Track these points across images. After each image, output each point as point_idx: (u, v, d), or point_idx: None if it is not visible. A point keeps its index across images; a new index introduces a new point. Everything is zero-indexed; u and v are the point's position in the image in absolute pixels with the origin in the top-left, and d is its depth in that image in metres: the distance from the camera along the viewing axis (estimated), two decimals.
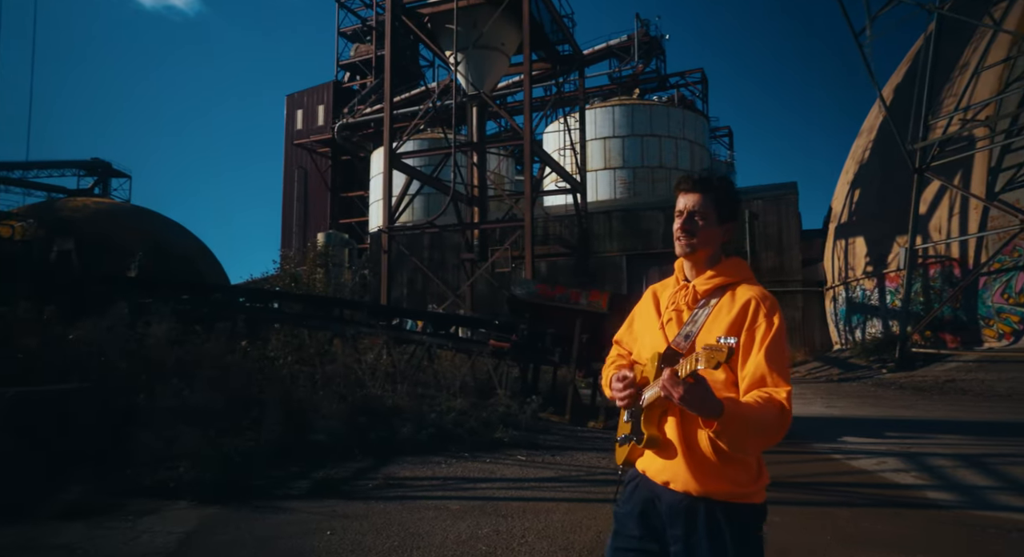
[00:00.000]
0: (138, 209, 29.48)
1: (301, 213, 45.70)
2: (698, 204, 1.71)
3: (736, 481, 1.55)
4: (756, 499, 1.60)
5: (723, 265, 1.72)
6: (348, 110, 42.19)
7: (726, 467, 1.54)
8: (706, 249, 1.71)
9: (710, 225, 1.70)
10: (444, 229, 20.28)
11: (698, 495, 1.56)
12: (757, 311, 1.57)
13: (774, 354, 1.52)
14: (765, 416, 1.43)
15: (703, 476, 1.55)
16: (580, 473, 6.40)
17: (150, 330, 7.94)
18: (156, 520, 4.60)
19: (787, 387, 1.49)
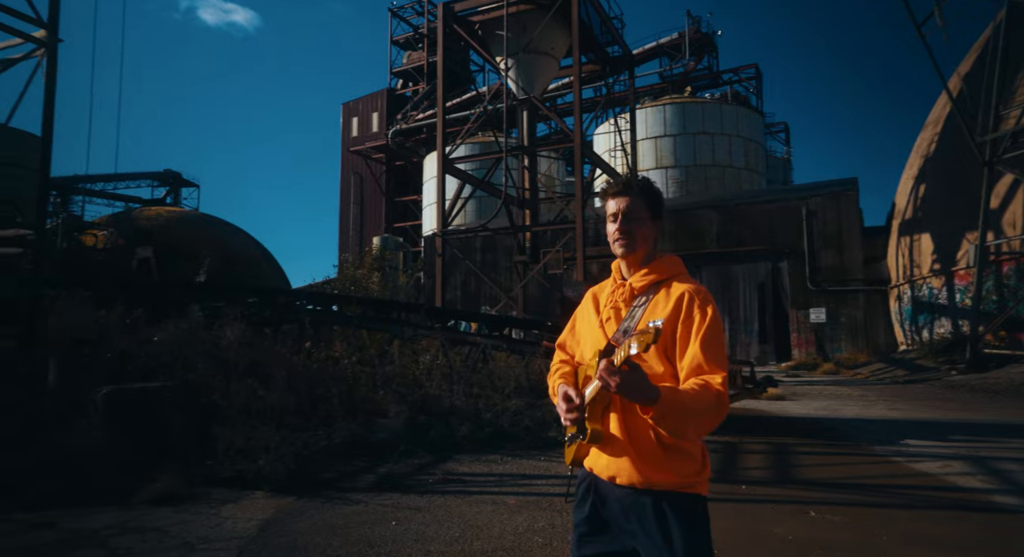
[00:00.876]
0: (206, 217, 30.98)
1: (357, 218, 46.99)
2: (629, 206, 1.76)
3: (680, 472, 1.59)
4: (701, 490, 1.64)
5: (657, 262, 1.77)
6: (401, 116, 43.16)
7: (670, 459, 1.59)
8: (642, 248, 1.77)
9: (644, 224, 1.76)
10: (496, 232, 20.58)
11: (643, 488, 1.60)
12: (691, 304, 1.62)
13: (708, 343, 1.57)
14: (701, 402, 1.49)
15: (646, 468, 1.59)
16: None
17: (223, 333, 8.46)
18: (236, 508, 4.98)
19: (722, 374, 1.54)
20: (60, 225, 21.16)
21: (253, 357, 7.82)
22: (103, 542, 4.21)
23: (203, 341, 8.05)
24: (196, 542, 4.20)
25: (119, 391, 6.26)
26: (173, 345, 7.65)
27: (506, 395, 8.41)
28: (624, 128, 24.88)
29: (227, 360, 7.67)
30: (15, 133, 17.94)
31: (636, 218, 1.76)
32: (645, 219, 1.76)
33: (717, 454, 7.43)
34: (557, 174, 35.76)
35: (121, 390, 6.30)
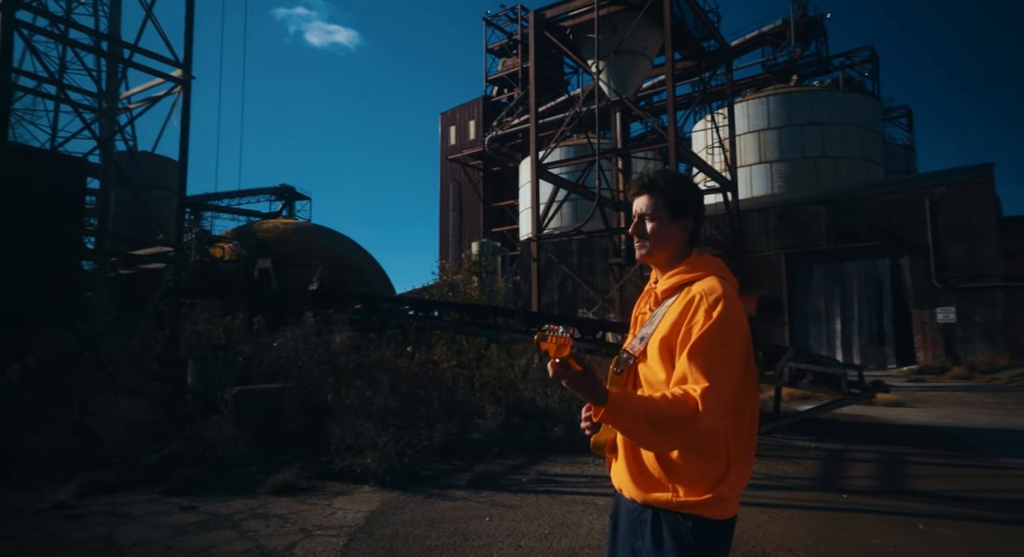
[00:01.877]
0: (317, 227, 33.09)
1: (456, 224, 48.41)
2: (647, 206, 1.67)
3: (682, 491, 1.49)
4: (710, 512, 1.49)
5: (686, 263, 1.65)
6: (497, 123, 44.03)
7: (671, 475, 1.49)
8: (663, 249, 1.67)
9: (662, 224, 1.66)
10: (590, 235, 20.62)
11: (644, 503, 1.54)
12: (697, 307, 1.50)
13: (699, 351, 1.45)
14: (665, 412, 1.38)
15: (644, 483, 1.54)
16: None
17: (333, 338, 9.14)
18: (347, 500, 5.44)
19: (704, 383, 1.41)
20: (194, 239, 23.39)
21: (361, 361, 8.40)
22: (236, 525, 4.77)
23: (316, 346, 8.73)
24: (312, 529, 4.65)
25: (245, 391, 6.96)
26: (290, 349, 8.37)
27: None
28: (722, 124, 24.12)
29: (337, 364, 8.29)
30: (158, 159, 20.10)
31: (653, 219, 1.66)
32: (663, 218, 1.65)
33: (819, 461, 7.16)
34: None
35: (247, 390, 7.00)
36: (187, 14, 9.55)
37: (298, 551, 4.19)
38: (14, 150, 10.51)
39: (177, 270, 8.76)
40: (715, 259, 1.70)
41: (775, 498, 5.56)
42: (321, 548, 4.23)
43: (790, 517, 5.00)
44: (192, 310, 10.27)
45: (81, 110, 10.87)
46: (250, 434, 6.42)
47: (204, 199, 34.18)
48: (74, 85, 12.42)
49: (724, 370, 1.45)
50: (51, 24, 11.12)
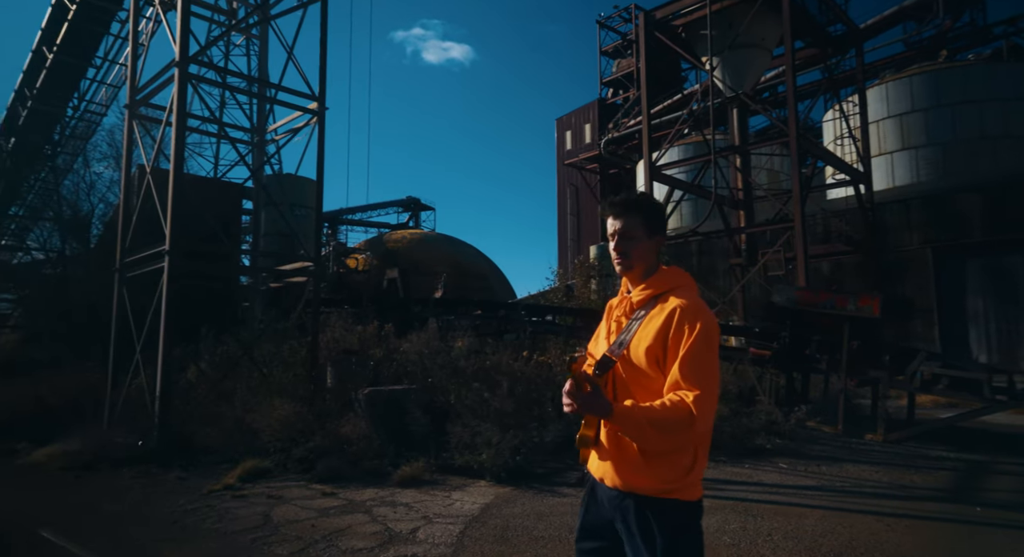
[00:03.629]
0: (442, 236, 34.75)
1: (574, 228, 48.67)
2: (625, 225, 1.84)
3: (661, 478, 1.67)
4: (684, 495, 1.69)
5: (657, 276, 1.84)
6: (613, 125, 43.79)
7: (651, 465, 1.67)
8: (640, 264, 1.84)
9: (640, 242, 1.83)
10: (708, 235, 20.10)
11: (626, 491, 1.72)
12: (681, 320, 1.66)
13: (688, 360, 1.62)
14: (666, 417, 1.56)
15: (628, 472, 1.71)
16: (845, 484, 6.21)
17: (455, 343, 9.78)
18: (464, 493, 5.93)
19: (696, 391, 1.58)
20: (331, 252, 25.50)
21: (479, 364, 8.93)
22: (368, 510, 5.39)
23: (438, 350, 9.40)
24: (432, 517, 5.17)
25: (376, 392, 7.70)
26: (415, 354, 9.09)
27: None
28: (852, 112, 22.54)
29: (457, 367, 8.89)
30: (301, 180, 22.19)
31: (632, 237, 1.83)
32: (641, 237, 1.83)
33: (954, 472, 6.70)
34: (782, 167, 33.40)
35: (377, 391, 7.74)
36: (321, 53, 10.65)
37: (420, 535, 4.69)
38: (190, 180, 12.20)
39: (316, 282, 9.80)
40: (682, 271, 1.90)
41: (896, 507, 5.35)
42: (440, 533, 4.71)
43: (910, 527, 4.82)
44: (330, 318, 11.38)
45: (237, 143, 12.43)
46: (381, 431, 7.12)
47: (339, 214, 36.99)
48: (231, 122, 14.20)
49: (710, 377, 1.65)
50: (217, 74, 12.82)
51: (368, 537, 4.65)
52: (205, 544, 4.66)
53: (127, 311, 9.30)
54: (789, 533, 4.62)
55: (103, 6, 16.13)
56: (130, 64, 10.73)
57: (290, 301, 11.20)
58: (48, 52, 17.29)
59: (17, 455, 9.17)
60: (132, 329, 9.02)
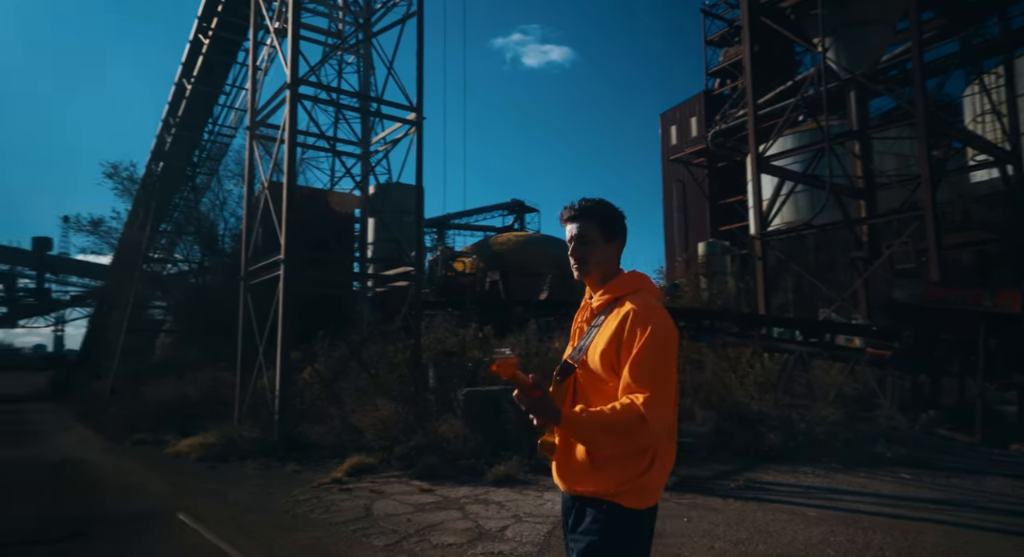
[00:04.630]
0: (546, 237, 34.91)
1: (681, 225, 47.20)
2: (580, 231, 1.82)
3: (609, 481, 1.63)
4: (629, 501, 1.64)
5: (615, 281, 1.80)
6: (720, 116, 42.05)
7: (600, 469, 1.65)
8: (598, 269, 1.81)
9: (596, 247, 1.81)
10: (824, 228, 18.79)
11: (574, 494, 1.73)
12: (633, 324, 1.64)
13: (638, 362, 1.59)
14: (616, 420, 1.55)
15: (574, 477, 1.71)
16: (980, 499, 5.60)
17: (553, 345, 9.82)
18: (555, 494, 5.93)
19: (645, 394, 1.55)
20: (439, 256, 26.36)
21: None
22: (461, 507, 5.55)
23: (537, 351, 9.48)
24: (523, 515, 5.23)
25: (473, 393, 7.90)
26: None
27: (825, 404, 7.92)
28: (995, 86, 20.23)
29: (553, 367, 8.92)
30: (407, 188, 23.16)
31: (587, 242, 1.81)
32: (597, 242, 1.81)
33: None
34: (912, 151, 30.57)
35: (475, 392, 7.94)
36: (418, 66, 11.10)
37: (508, 533, 4.77)
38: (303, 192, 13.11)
39: (418, 286, 10.21)
40: (642, 275, 1.85)
41: None
42: (528, 532, 4.76)
43: None
44: (433, 321, 11.80)
45: (346, 156, 13.21)
46: (477, 430, 7.30)
47: (447, 219, 38.16)
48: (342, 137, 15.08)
49: (662, 379, 1.60)
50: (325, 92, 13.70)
51: (459, 533, 4.79)
52: (312, 533, 5.00)
53: (251, 317, 10.14)
54: (903, 549, 4.25)
55: (230, 38, 17.68)
56: (250, 90, 11.72)
57: (395, 305, 11.72)
58: (187, 83, 19.21)
59: (166, 445, 10.28)
60: (255, 333, 9.82)
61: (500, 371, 1.61)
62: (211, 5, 16.74)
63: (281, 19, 11.52)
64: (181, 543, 4.83)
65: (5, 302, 39.01)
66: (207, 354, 14.28)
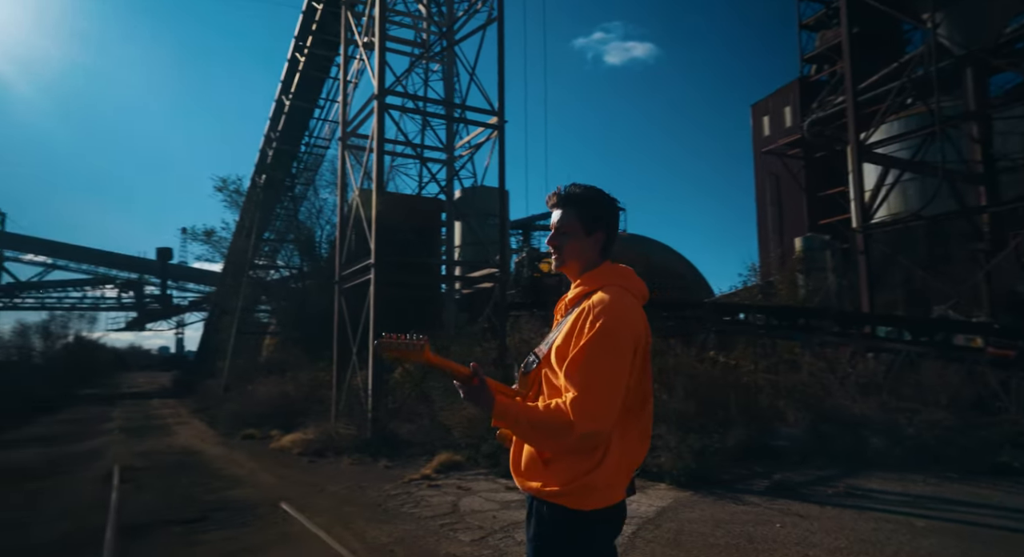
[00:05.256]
0: (632, 236, 34.39)
1: (775, 220, 45.05)
2: (562, 219, 1.73)
3: (551, 480, 1.56)
4: (572, 502, 1.55)
5: (591, 274, 1.70)
6: (817, 104, 39.82)
7: (547, 466, 1.58)
8: (576, 261, 1.72)
9: (577, 238, 1.71)
10: (936, 219, 17.36)
11: (525, 490, 1.67)
12: (585, 320, 1.56)
13: (577, 362, 1.51)
14: (544, 419, 1.50)
15: (525, 473, 1.64)
16: None
17: None
18: (642, 494, 5.86)
19: (574, 394, 1.48)
20: (526, 258, 26.54)
21: (660, 366, 8.74)
22: None
23: None
24: None
25: None
26: None
27: (937, 408, 7.34)
28: None
29: None
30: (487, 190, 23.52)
31: (566, 232, 1.73)
32: (577, 232, 1.72)
33: None
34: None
35: None
36: (499, 70, 11.29)
37: None
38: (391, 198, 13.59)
39: (502, 288, 10.34)
40: (623, 268, 1.74)
41: None
42: None
43: None
44: (519, 321, 11.90)
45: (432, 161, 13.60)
46: None
47: (532, 220, 38.35)
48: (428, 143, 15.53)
49: (599, 379, 1.50)
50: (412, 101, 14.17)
51: None
52: (402, 526, 5.19)
53: (345, 319, 10.64)
54: None
55: (324, 54, 18.64)
56: (341, 103, 12.30)
57: (481, 306, 11.93)
58: (285, 99, 20.43)
59: (270, 439, 10.97)
60: (349, 335, 10.29)
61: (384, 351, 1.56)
62: (306, 24, 17.72)
63: (369, 33, 12.02)
64: (284, 530, 5.15)
65: (135, 307, 42.86)
66: (307, 355, 15.10)
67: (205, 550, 4.64)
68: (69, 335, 41.78)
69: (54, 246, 41.14)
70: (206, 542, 4.85)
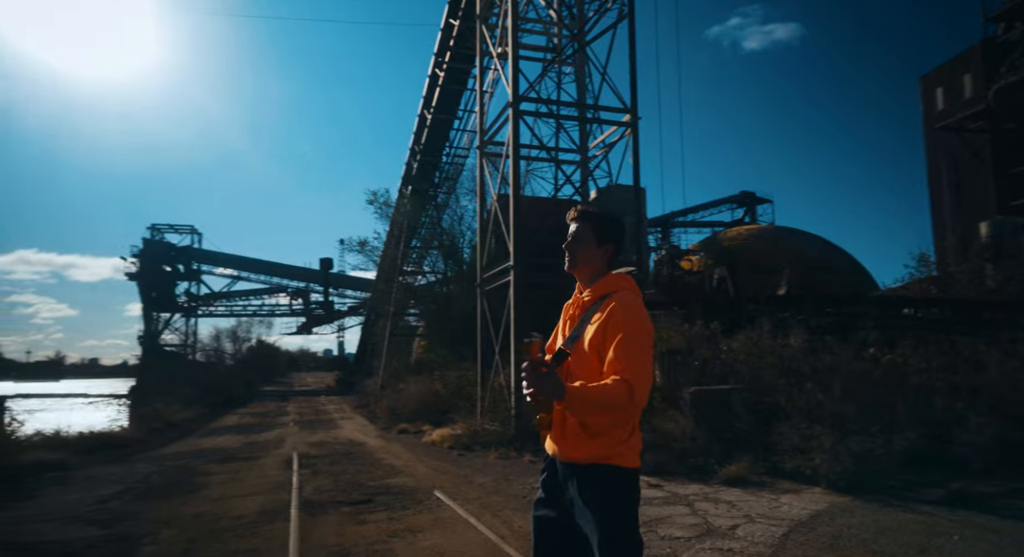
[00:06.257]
0: (781, 229, 32.31)
1: (953, 203, 39.99)
2: (576, 230, 2.06)
3: (600, 448, 1.88)
4: (623, 461, 1.89)
5: (604, 280, 2.02)
6: (1006, 68, 34.90)
7: (593, 439, 1.90)
8: (586, 267, 2.04)
9: (589, 247, 2.03)
10: None
11: (571, 462, 1.94)
12: (615, 314, 1.89)
13: (623, 347, 1.81)
14: (607, 396, 1.74)
15: (571, 446, 1.93)
16: None
17: (788, 342, 9.14)
18: (794, 497, 5.58)
19: (632, 372, 1.75)
20: (665, 256, 25.92)
21: (814, 365, 8.22)
22: (689, 504, 5.50)
23: (768, 350, 8.91)
24: (755, 516, 5.01)
25: (701, 391, 7.72)
26: (742, 353, 8.79)
27: None
28: None
29: (790, 368, 8.31)
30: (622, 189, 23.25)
31: (579, 240, 2.05)
32: (590, 242, 2.04)
33: None
34: None
35: (702, 390, 7.75)
36: (631, 68, 11.20)
37: (739, 532, 4.62)
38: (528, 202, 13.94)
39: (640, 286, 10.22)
40: (626, 276, 2.06)
41: None
42: (760, 533, 4.56)
43: None
44: (657, 320, 11.69)
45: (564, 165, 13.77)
46: (704, 429, 7.12)
47: (670, 217, 37.31)
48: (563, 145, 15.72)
49: (642, 362, 1.82)
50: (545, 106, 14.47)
51: (686, 528, 4.77)
52: None
53: (487, 320, 11.09)
54: None
55: (461, 68, 19.55)
56: (478, 112, 12.85)
57: None
58: (427, 113, 21.67)
59: (423, 434, 11.72)
60: (492, 335, 10.72)
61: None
62: (444, 40, 18.69)
63: (502, 44, 12.45)
64: (438, 515, 5.53)
65: (303, 313, 47.50)
66: (453, 355, 15.89)
67: (371, 528, 5.11)
68: (252, 339, 47.29)
69: (239, 260, 46.68)
70: (372, 522, 5.34)
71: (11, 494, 7.03)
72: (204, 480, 7.74)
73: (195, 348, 44.00)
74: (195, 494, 6.83)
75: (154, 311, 43.10)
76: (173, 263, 43.60)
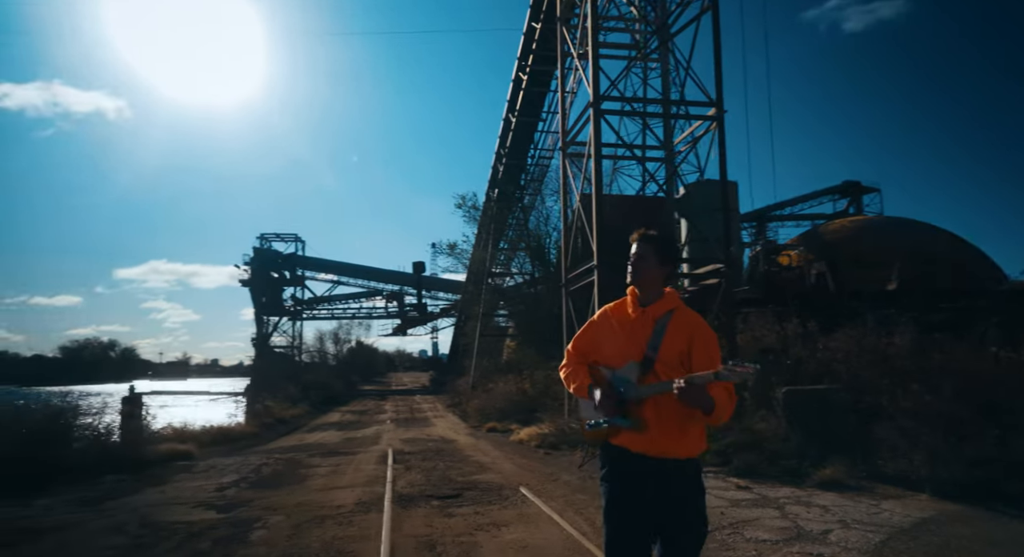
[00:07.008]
0: (890, 220, 30.14)
1: None
2: (639, 251, 2.31)
3: (691, 444, 2.20)
4: (697, 454, 2.23)
5: (667, 297, 2.29)
6: None
7: (682, 437, 2.18)
8: (647, 284, 2.29)
9: (651, 267, 2.29)
10: None
11: (663, 457, 2.17)
12: (701, 328, 2.24)
13: (712, 350, 2.18)
14: (731, 395, 2.13)
15: (668, 446, 2.17)
16: None
17: (892, 340, 8.60)
18: (896, 503, 5.28)
19: None
20: (760, 251, 24.90)
21: (922, 364, 7.71)
22: (779, 507, 5.34)
23: (870, 348, 8.44)
24: (851, 522, 4.80)
25: (794, 391, 7.43)
26: (840, 351, 8.37)
27: None
28: None
29: (894, 367, 7.83)
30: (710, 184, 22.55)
31: (643, 259, 2.30)
32: (652, 263, 2.29)
33: None
34: None
35: (796, 390, 7.45)
36: (715, 60, 10.87)
37: (832, 537, 4.44)
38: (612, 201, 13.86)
39: (728, 284, 9.93)
40: (677, 293, 2.35)
41: None
42: (855, 539, 4.37)
43: None
44: (749, 318, 11.30)
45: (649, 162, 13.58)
46: (798, 430, 6.85)
47: (766, 211, 35.71)
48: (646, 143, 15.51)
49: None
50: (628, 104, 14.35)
51: (775, 531, 4.64)
52: None
53: (573, 320, 11.14)
54: None
55: (543, 70, 19.70)
56: (560, 114, 12.94)
57: (709, 303, 11.59)
58: (512, 117, 21.98)
59: (511, 432, 11.94)
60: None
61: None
62: (527, 44, 18.90)
63: (583, 44, 12.47)
64: (523, 511, 5.67)
65: (398, 315, 49.36)
66: (541, 355, 16.04)
67: (458, 521, 5.32)
68: (352, 340, 49.60)
69: (338, 266, 49.18)
70: (459, 515, 5.56)
71: (149, 479, 7.85)
72: (308, 472, 8.29)
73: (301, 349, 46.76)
74: (300, 484, 7.34)
75: (264, 315, 46.25)
76: (280, 270, 46.62)
